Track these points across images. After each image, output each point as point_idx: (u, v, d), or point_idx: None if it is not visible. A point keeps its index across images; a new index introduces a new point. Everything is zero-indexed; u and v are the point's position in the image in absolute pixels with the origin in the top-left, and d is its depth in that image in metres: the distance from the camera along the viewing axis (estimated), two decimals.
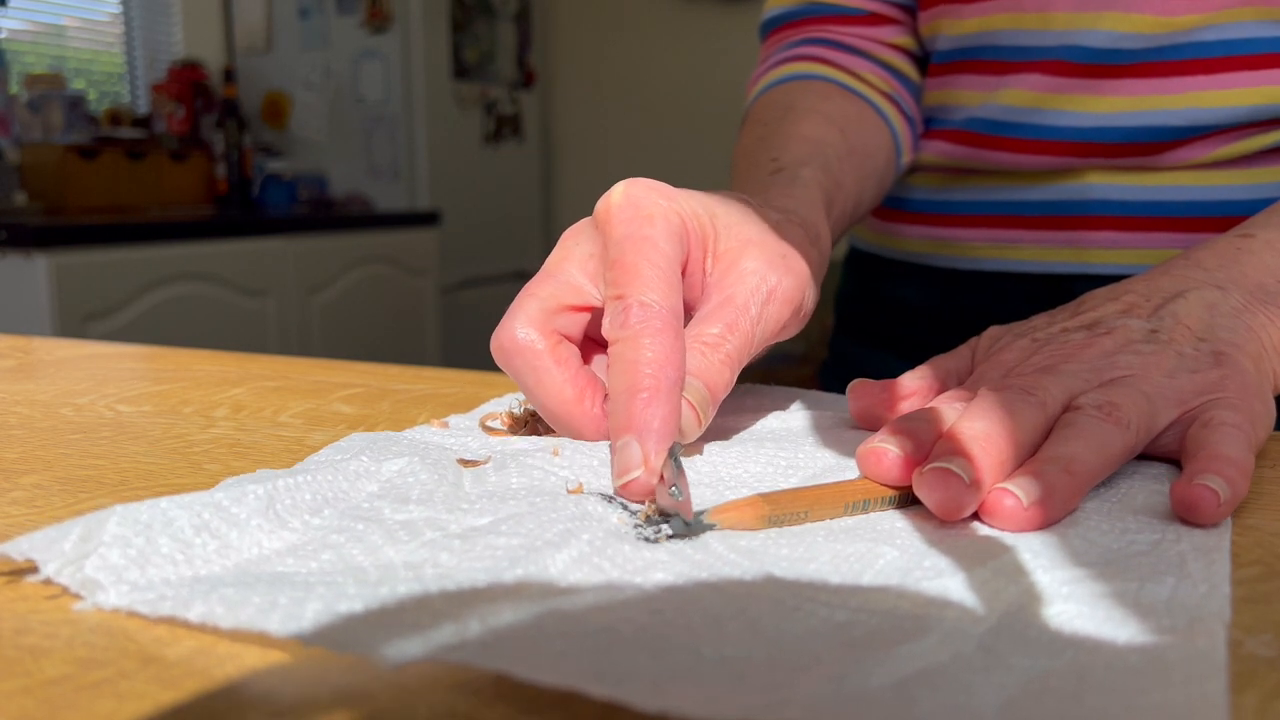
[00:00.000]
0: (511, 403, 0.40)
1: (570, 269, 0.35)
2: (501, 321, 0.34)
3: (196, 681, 0.19)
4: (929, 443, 0.30)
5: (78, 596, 0.22)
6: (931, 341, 0.51)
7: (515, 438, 0.35)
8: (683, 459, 0.34)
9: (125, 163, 2.32)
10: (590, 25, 3.32)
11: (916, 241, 0.62)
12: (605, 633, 0.20)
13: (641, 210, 0.34)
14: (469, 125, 2.95)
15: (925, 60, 0.61)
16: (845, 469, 0.33)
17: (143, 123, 2.55)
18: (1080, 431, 0.30)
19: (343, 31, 2.79)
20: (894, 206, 0.64)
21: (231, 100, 2.57)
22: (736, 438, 0.37)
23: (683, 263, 0.35)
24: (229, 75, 2.60)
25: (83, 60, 2.67)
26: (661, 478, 0.30)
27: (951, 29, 0.57)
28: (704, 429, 0.33)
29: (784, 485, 0.32)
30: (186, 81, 2.58)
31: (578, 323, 0.35)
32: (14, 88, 2.27)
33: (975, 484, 0.27)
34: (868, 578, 0.24)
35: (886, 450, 0.29)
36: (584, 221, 0.36)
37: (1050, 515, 0.28)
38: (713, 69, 3.13)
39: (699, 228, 0.35)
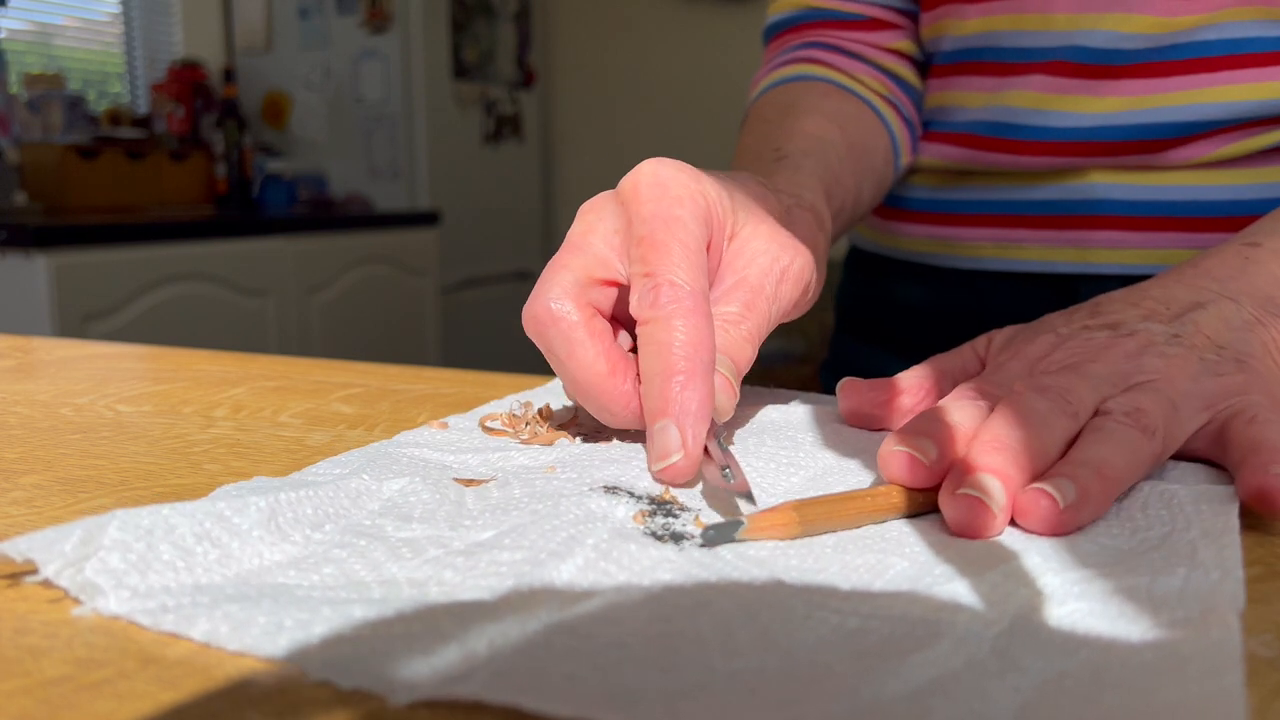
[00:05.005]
0: (512, 404, 0.40)
1: (596, 242, 0.34)
2: (534, 292, 0.34)
3: (196, 681, 0.19)
4: (952, 446, 0.30)
5: (77, 600, 0.22)
6: (932, 341, 0.51)
7: (516, 445, 0.35)
8: None
9: (125, 163, 2.32)
10: (590, 25, 3.32)
11: (919, 241, 0.62)
12: (614, 648, 0.20)
13: (670, 190, 0.34)
14: (469, 125, 2.95)
15: (925, 66, 0.61)
16: (846, 469, 0.33)
17: (143, 123, 2.55)
18: (1110, 437, 0.30)
19: (343, 31, 2.79)
20: (896, 205, 0.64)
21: (231, 100, 2.57)
22: (737, 436, 0.37)
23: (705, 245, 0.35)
24: (229, 75, 2.60)
25: (82, 60, 2.67)
26: (710, 457, 0.29)
27: (955, 30, 0.57)
28: (735, 405, 0.33)
29: (785, 483, 0.32)
30: (186, 81, 2.58)
31: (608, 297, 0.35)
32: (14, 88, 2.27)
33: (1004, 509, 0.27)
34: (878, 585, 0.23)
35: (912, 455, 0.29)
36: (604, 196, 0.35)
37: (1082, 519, 0.27)
38: (713, 69, 3.13)
39: (721, 212, 0.35)
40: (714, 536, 0.26)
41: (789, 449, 0.35)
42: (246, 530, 0.25)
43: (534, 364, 0.49)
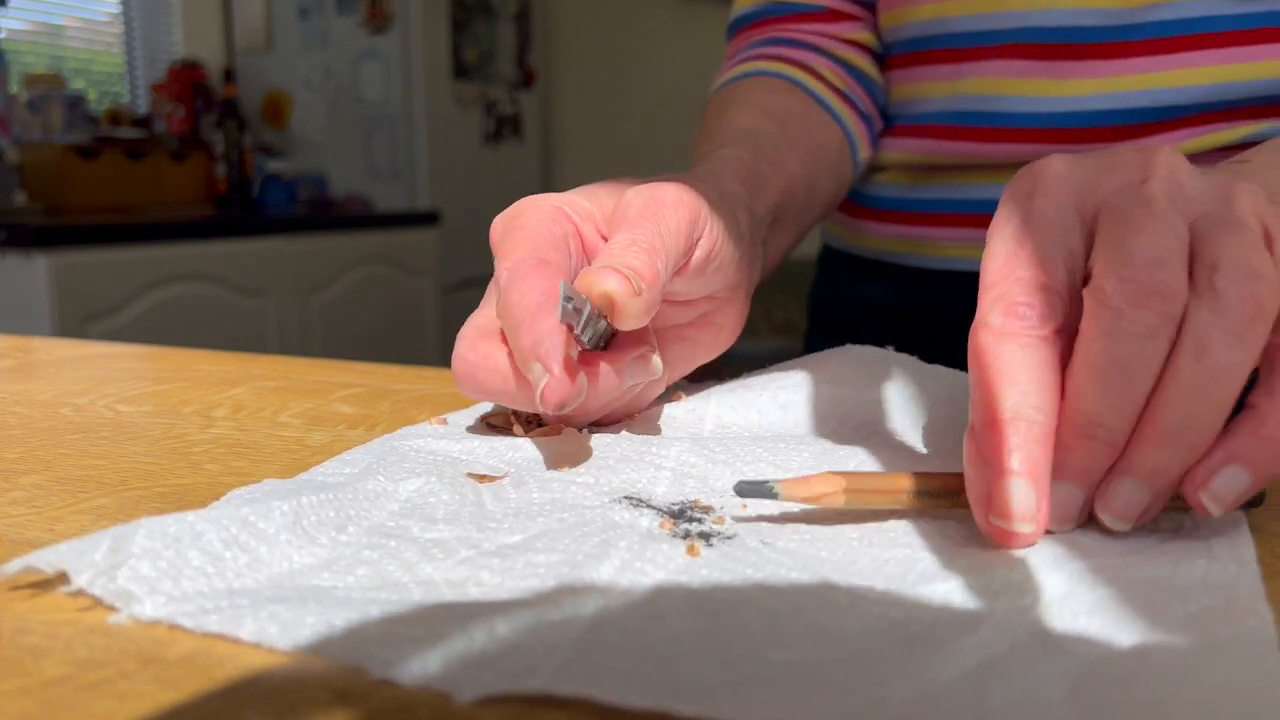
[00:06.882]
0: None
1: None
2: (453, 357, 0.36)
3: (196, 681, 0.19)
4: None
5: (111, 608, 0.22)
6: (902, 341, 0.51)
7: (522, 439, 0.35)
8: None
9: (125, 163, 2.32)
10: (590, 25, 3.32)
11: (887, 240, 0.62)
12: (668, 644, 0.20)
13: (513, 214, 0.36)
14: (469, 125, 2.95)
15: (883, 58, 0.61)
16: (853, 450, 0.33)
17: (143, 123, 2.55)
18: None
19: (343, 31, 2.78)
20: (864, 204, 0.64)
21: (231, 100, 2.57)
22: (742, 425, 0.38)
23: (574, 238, 0.36)
24: (229, 75, 2.60)
25: (82, 60, 2.67)
26: (569, 324, 0.30)
27: (908, 17, 0.57)
28: (646, 303, 0.31)
29: (797, 459, 0.32)
30: (186, 81, 2.58)
31: None
32: (14, 88, 2.27)
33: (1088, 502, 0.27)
34: (911, 578, 0.24)
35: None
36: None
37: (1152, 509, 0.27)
38: (712, 69, 3.12)
39: (579, 207, 0.36)
40: (747, 489, 0.26)
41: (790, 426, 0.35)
42: (273, 535, 0.25)
43: None
